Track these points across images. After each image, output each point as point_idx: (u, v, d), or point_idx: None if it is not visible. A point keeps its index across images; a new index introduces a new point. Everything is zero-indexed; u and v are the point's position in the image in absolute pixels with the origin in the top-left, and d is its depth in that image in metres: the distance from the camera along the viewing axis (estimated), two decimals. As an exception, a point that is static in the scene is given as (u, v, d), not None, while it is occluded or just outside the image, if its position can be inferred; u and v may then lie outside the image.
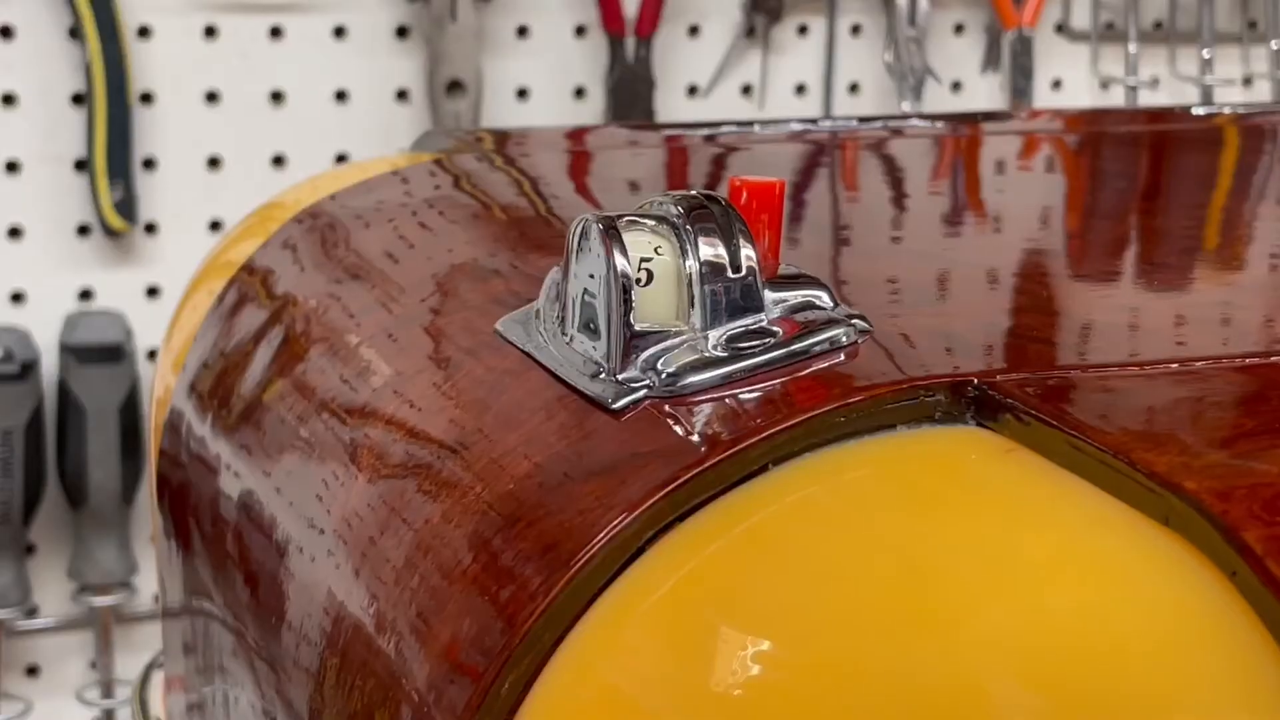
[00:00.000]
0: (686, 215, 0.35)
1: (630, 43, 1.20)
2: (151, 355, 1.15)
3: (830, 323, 0.36)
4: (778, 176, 0.38)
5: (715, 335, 0.35)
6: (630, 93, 1.20)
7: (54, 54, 1.12)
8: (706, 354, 0.35)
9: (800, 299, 0.36)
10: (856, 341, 0.36)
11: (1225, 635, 0.29)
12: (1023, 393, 0.33)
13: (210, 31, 1.14)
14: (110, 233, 1.13)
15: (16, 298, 1.14)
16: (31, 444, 1.11)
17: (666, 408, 0.34)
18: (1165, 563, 0.30)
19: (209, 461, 0.49)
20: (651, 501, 0.32)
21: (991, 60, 1.24)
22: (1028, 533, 0.31)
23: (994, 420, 0.33)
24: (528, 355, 0.38)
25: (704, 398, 0.34)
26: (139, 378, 1.14)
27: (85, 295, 1.15)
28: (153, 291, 1.16)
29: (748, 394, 0.34)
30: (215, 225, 1.16)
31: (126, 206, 1.12)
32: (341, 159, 1.18)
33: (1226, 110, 0.80)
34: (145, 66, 1.13)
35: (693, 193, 0.36)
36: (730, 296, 0.35)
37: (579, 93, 1.22)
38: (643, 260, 0.35)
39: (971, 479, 0.33)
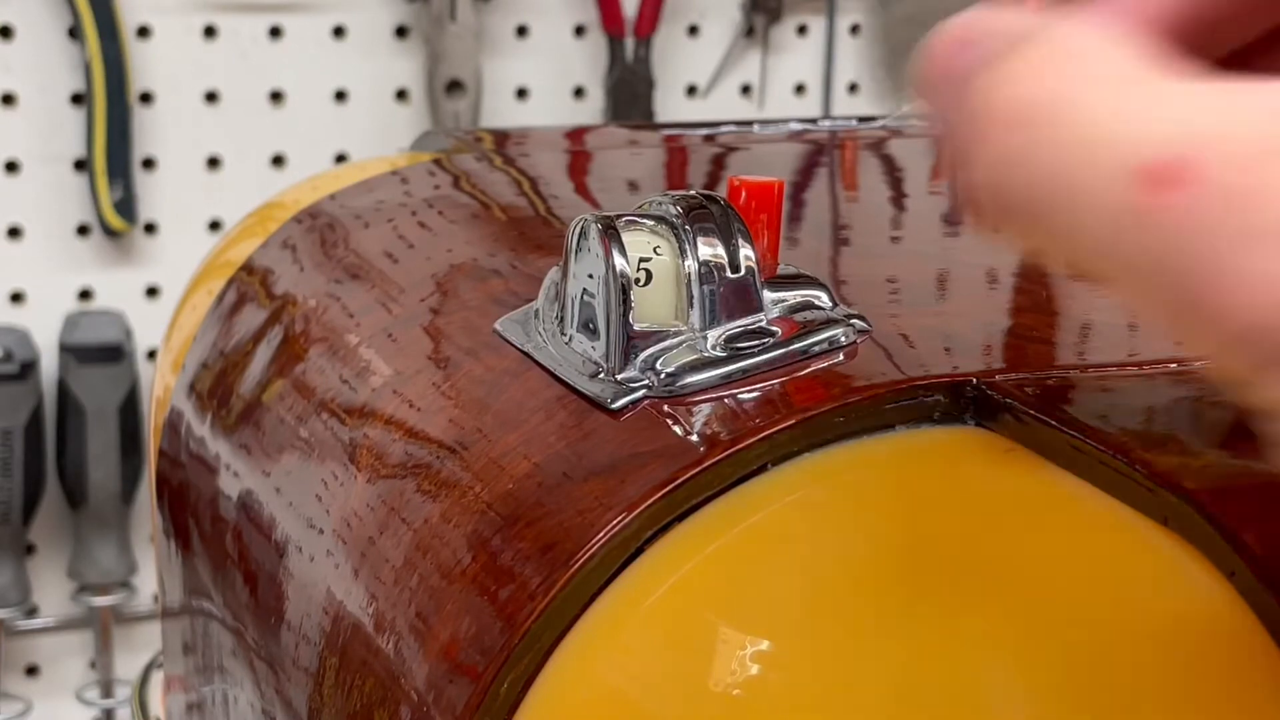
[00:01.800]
0: (685, 215, 0.35)
1: (630, 43, 1.20)
2: (151, 355, 1.15)
3: (829, 323, 0.36)
4: (777, 176, 0.38)
5: (714, 335, 0.35)
6: (630, 93, 1.20)
7: (53, 54, 1.12)
8: (705, 354, 0.35)
9: (799, 299, 0.36)
10: (855, 341, 0.36)
11: (1224, 635, 0.29)
12: (1022, 393, 0.33)
13: (210, 31, 1.14)
14: (110, 233, 1.13)
15: (16, 298, 1.14)
16: (31, 444, 1.11)
17: (665, 407, 0.34)
18: (1164, 562, 0.30)
19: (208, 461, 0.49)
20: (650, 501, 0.32)
21: (991, 60, 1.24)
22: (1027, 533, 0.31)
23: (993, 420, 0.33)
24: (527, 355, 0.38)
25: (703, 398, 0.34)
26: (138, 378, 1.14)
27: (85, 295, 1.15)
28: (152, 291, 1.16)
29: (746, 394, 0.34)
30: (215, 225, 1.16)
31: (126, 206, 1.12)
32: (341, 159, 1.18)
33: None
34: (145, 66, 1.13)
35: (692, 193, 0.36)
36: (729, 296, 0.35)
37: (578, 93, 1.22)
38: (641, 260, 0.35)
39: (970, 479, 0.33)
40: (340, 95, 1.17)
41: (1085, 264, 0.22)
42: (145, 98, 1.12)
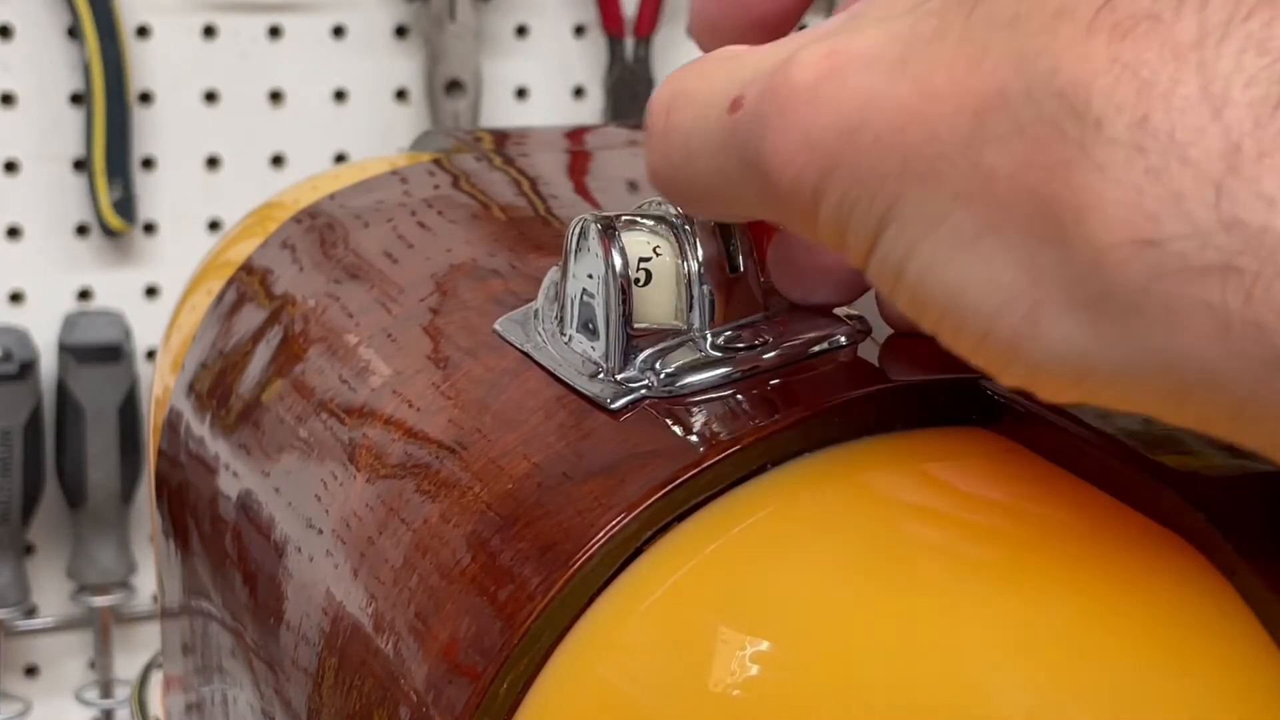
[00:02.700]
0: (685, 215, 0.35)
1: (629, 42, 1.20)
2: (150, 355, 1.15)
3: (829, 323, 0.36)
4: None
5: (714, 335, 0.35)
6: (629, 92, 1.20)
7: (52, 53, 1.12)
8: (705, 354, 0.35)
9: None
10: (855, 341, 0.36)
11: (1224, 635, 0.29)
12: (1022, 393, 0.33)
13: (209, 31, 1.14)
14: (109, 232, 1.13)
15: (15, 298, 1.14)
16: (30, 444, 1.11)
17: (665, 407, 0.34)
18: (1165, 562, 0.30)
19: (208, 461, 0.49)
20: (650, 501, 0.32)
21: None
22: (1027, 533, 0.31)
23: (993, 420, 0.33)
24: (526, 355, 0.38)
25: (703, 398, 0.34)
26: (138, 378, 1.14)
27: (84, 295, 1.15)
28: (151, 291, 1.16)
29: (746, 394, 0.34)
30: (214, 225, 1.16)
31: (125, 206, 1.12)
32: (340, 159, 1.18)
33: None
34: (144, 66, 1.13)
35: (691, 192, 0.36)
36: (729, 296, 0.35)
37: (578, 92, 1.22)
38: (641, 260, 0.35)
39: (970, 479, 0.33)
40: (340, 95, 1.17)
41: (712, 203, 0.32)
42: (145, 97, 1.12)
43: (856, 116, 0.27)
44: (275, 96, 1.15)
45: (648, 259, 0.35)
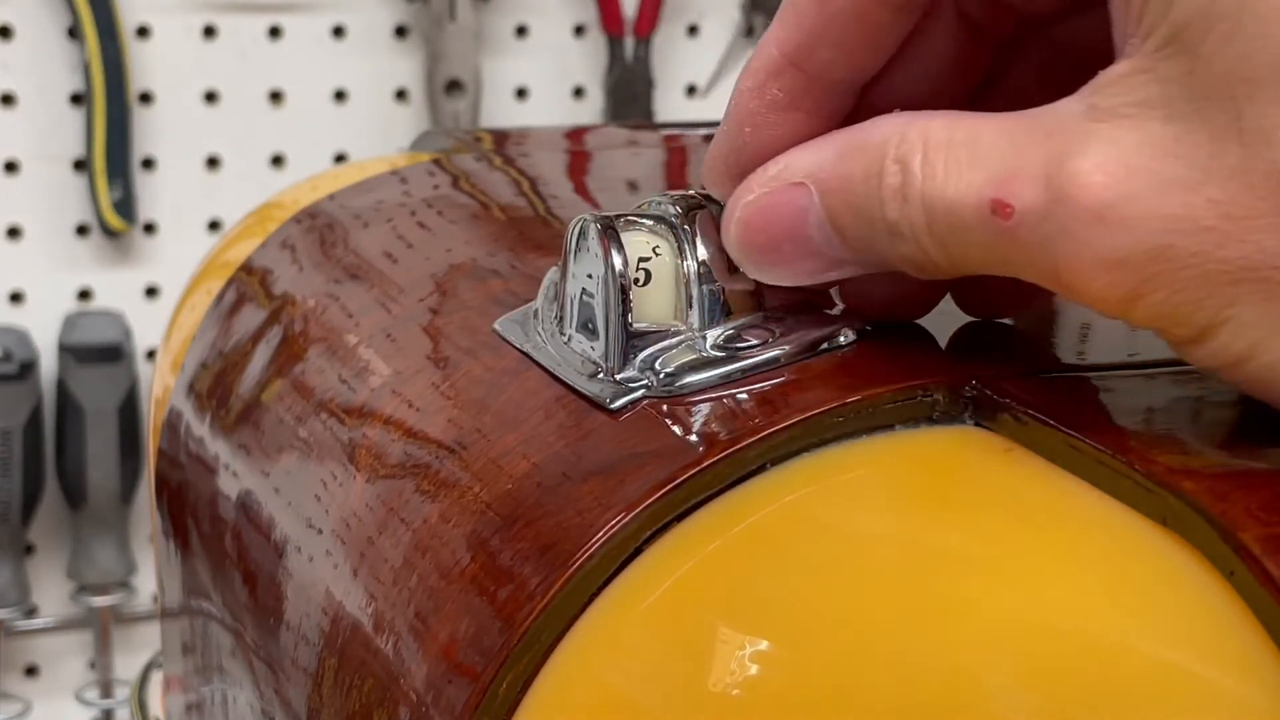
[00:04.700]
0: (685, 215, 0.35)
1: (629, 42, 1.20)
2: (150, 355, 1.15)
3: (828, 322, 0.36)
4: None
5: (713, 335, 0.35)
6: (629, 92, 1.20)
7: (52, 54, 1.12)
8: (705, 354, 0.35)
9: (798, 298, 0.36)
10: (854, 341, 0.36)
11: (1222, 635, 0.29)
12: (1021, 393, 0.33)
13: (209, 31, 1.14)
14: (109, 233, 1.13)
15: (15, 298, 1.14)
16: (30, 444, 1.11)
17: (664, 407, 0.34)
18: (1163, 563, 0.30)
19: (207, 461, 0.49)
20: (650, 501, 0.32)
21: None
22: (1025, 532, 0.31)
23: (992, 420, 0.33)
24: (526, 355, 0.38)
25: (702, 397, 0.34)
26: (138, 378, 1.14)
27: (84, 295, 1.15)
28: (151, 291, 1.16)
29: (745, 394, 0.34)
30: (214, 225, 1.16)
31: (125, 206, 1.12)
32: (340, 159, 1.19)
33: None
34: (144, 66, 1.14)
35: (691, 192, 0.36)
36: (728, 296, 0.35)
37: (578, 92, 1.22)
38: (641, 260, 0.35)
39: (969, 479, 0.33)
40: (340, 95, 1.17)
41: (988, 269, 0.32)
42: (145, 98, 1.12)
43: (1163, 239, 0.28)
44: (275, 96, 1.15)
45: (647, 259, 0.35)
